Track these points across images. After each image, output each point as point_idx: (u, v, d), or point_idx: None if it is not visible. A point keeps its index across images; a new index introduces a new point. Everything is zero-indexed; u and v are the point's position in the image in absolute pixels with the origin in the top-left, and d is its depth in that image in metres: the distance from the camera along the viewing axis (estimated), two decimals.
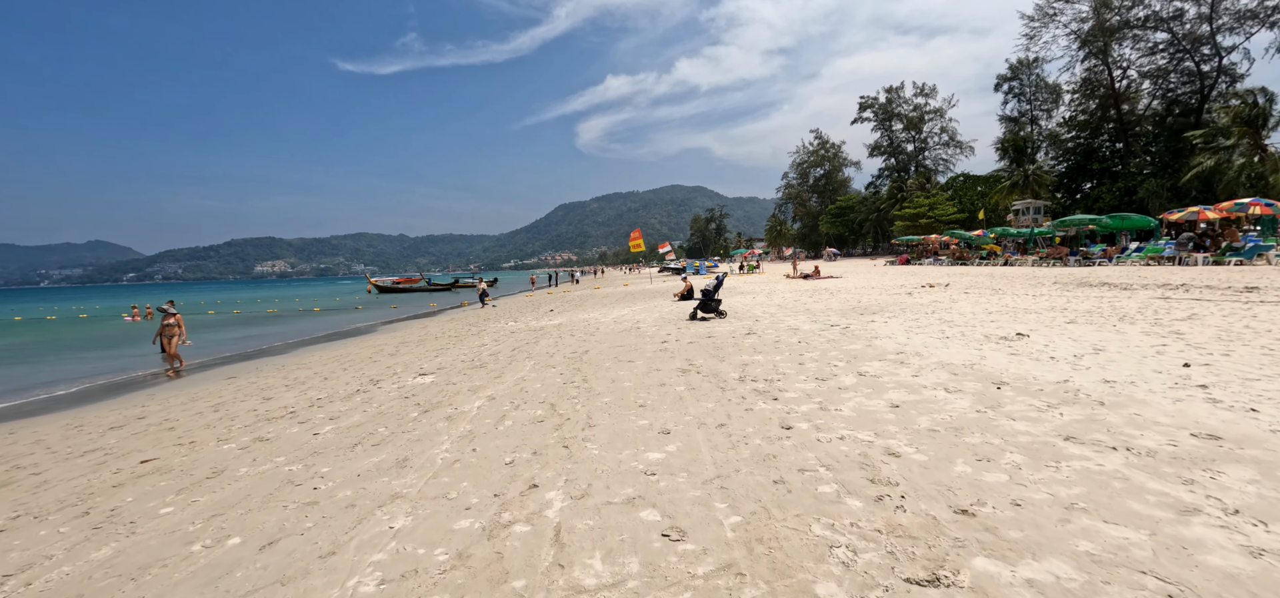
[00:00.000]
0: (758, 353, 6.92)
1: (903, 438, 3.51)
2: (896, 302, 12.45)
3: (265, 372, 10.07)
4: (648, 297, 20.76)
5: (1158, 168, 48.09)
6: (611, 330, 10.56)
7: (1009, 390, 4.43)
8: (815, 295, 15.80)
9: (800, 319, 10.13)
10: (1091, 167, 54.74)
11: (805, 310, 11.68)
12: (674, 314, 12.65)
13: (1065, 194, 56.87)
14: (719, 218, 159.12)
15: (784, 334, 8.36)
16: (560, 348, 8.82)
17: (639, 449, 3.70)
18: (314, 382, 8.16)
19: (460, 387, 6.50)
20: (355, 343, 14.00)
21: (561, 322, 13.54)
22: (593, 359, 7.45)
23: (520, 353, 8.76)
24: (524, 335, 11.29)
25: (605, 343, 8.91)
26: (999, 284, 15.91)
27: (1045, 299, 11.20)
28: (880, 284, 18.95)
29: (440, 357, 9.27)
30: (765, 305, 13.46)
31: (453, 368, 7.93)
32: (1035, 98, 64.81)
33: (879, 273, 27.75)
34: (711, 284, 11.29)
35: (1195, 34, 45.73)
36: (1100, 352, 5.75)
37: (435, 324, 17.30)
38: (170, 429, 6.09)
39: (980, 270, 24.08)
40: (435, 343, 11.75)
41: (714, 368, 6.18)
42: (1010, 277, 18.69)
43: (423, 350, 10.59)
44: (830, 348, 6.94)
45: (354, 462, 4.09)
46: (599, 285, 37.71)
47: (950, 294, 13.53)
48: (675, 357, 7.10)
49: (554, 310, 18.10)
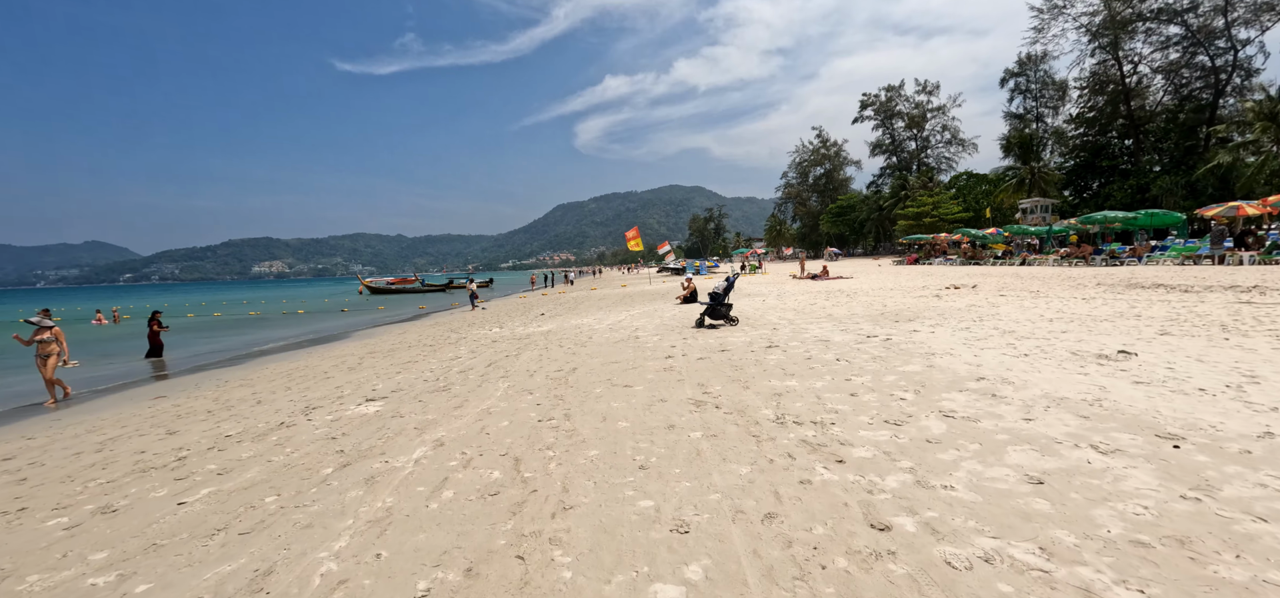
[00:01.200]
0: (790, 376, 5.45)
1: (1103, 567, 2.03)
2: (928, 305, 11.00)
3: (201, 390, 8.56)
4: (647, 299, 19.28)
5: (1171, 164, 46.79)
6: (606, 340, 9.09)
7: (1197, 452, 2.96)
8: (832, 298, 14.34)
9: (826, 327, 8.66)
10: (1100, 164, 53.35)
11: (828, 316, 10.22)
12: (677, 320, 11.19)
13: (1073, 192, 55.54)
14: (718, 218, 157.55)
15: (814, 348, 6.88)
16: (543, 364, 7.33)
17: (639, 572, 2.22)
18: (243, 407, 6.67)
19: (408, 422, 5.01)
20: (320, 352, 12.50)
21: (551, 328, 12.06)
22: (580, 381, 5.98)
23: (496, 369, 7.27)
24: (506, 345, 9.80)
25: (598, 357, 7.44)
26: (1032, 285, 14.45)
27: (1102, 303, 9.74)
28: (899, 285, 17.50)
29: (402, 373, 7.78)
30: (779, 310, 12.00)
31: (410, 390, 6.44)
32: (1041, 95, 63.41)
33: (891, 273, 26.30)
34: (720, 286, 9.81)
35: (1209, 27, 44.38)
36: (1256, 380, 4.29)
37: (415, 330, 15.82)
38: (21, 481, 4.60)
39: (1001, 270, 22.63)
40: (406, 354, 10.26)
41: (738, 400, 4.71)
42: (1040, 277, 17.25)
43: (387, 364, 9.10)
44: (881, 369, 5.47)
45: (192, 575, 2.60)
46: (596, 286, 36.21)
47: (985, 297, 12.08)
48: (684, 380, 5.63)
49: (546, 314, 16.61)
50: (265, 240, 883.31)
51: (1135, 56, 50.22)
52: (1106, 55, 51.04)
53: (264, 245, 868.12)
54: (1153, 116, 50.30)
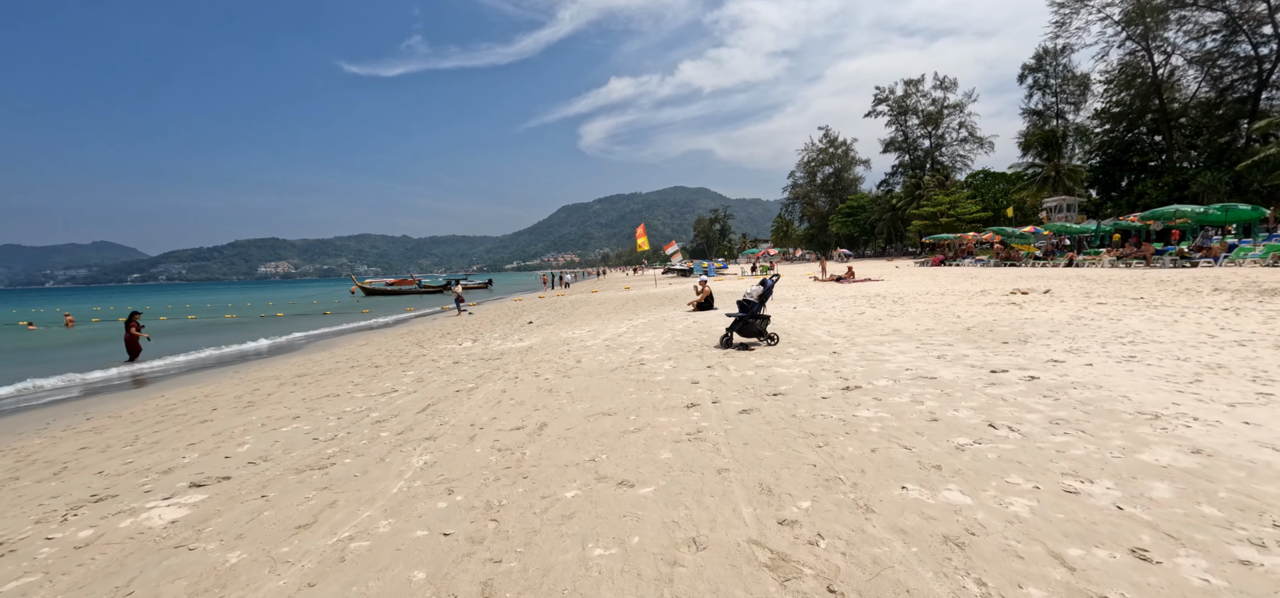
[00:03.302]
0: (929, 465, 2.96)
1: None
2: (1016, 317, 8.48)
3: (89, 419, 6.13)
4: (653, 305, 16.80)
5: (1210, 160, 43.96)
6: (599, 367, 6.62)
7: None
8: (877, 305, 11.82)
9: (907, 350, 6.16)
10: (1130, 160, 50.48)
11: (893, 332, 7.71)
12: (692, 335, 8.72)
13: (1099, 191, 52.75)
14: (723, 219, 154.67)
15: (920, 391, 4.38)
16: (500, 413, 4.86)
17: None
18: (76, 465, 4.25)
19: (198, 561, 2.56)
20: (243, 373, 10.05)
21: (534, 344, 9.59)
22: (546, 461, 3.51)
23: (429, 418, 4.82)
24: (466, 371, 7.34)
25: (583, 400, 4.98)
26: (1116, 289, 11.84)
27: (1256, 315, 7.21)
28: (945, 288, 14.95)
29: (299, 421, 5.33)
30: (820, 320, 9.50)
31: (273, 464, 3.98)
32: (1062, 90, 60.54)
33: (922, 275, 23.70)
34: (751, 291, 7.29)
35: (1253, 11, 41.50)
36: None
37: (378, 340, 13.39)
38: None
39: (1051, 272, 19.99)
40: (340, 378, 7.82)
41: (867, 561, 2.22)
42: (1110, 280, 14.64)
43: (299, 397, 6.65)
44: (1089, 447, 2.98)
45: None
46: (597, 289, 33.70)
47: (1083, 305, 9.52)
48: (728, 469, 3.15)
49: (534, 322, 14.16)
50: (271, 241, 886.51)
51: (1167, 47, 47.35)
52: (1136, 46, 48.24)
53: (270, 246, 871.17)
54: (1185, 110, 47.42)
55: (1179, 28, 46.08)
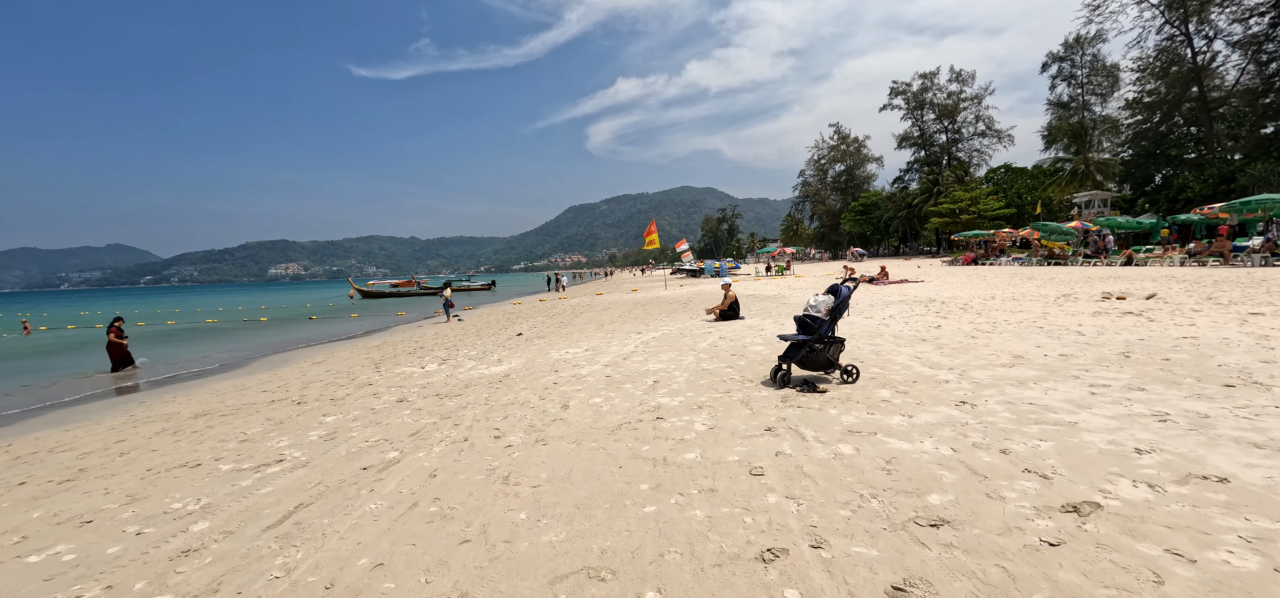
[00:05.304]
0: None
1: None
2: (1161, 335, 6.15)
3: None
4: (665, 311, 14.56)
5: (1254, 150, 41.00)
6: (593, 420, 4.43)
7: None
8: (946, 314, 9.51)
9: (1069, 395, 3.90)
10: (1167, 153, 47.50)
11: (1015, 358, 5.40)
12: (722, 360, 6.50)
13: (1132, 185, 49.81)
14: (731, 218, 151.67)
15: (1183, 489, 2.16)
16: (401, 545, 2.68)
17: None
18: None
19: None
20: (164, 400, 7.96)
21: (512, 369, 7.39)
22: None
23: (275, 549, 2.66)
24: (403, 420, 5.15)
25: (555, 520, 2.78)
26: (1246, 293, 9.38)
27: None
28: (1006, 292, 12.57)
29: (84, 532, 3.20)
30: (887, 338, 7.21)
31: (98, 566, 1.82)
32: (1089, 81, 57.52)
33: (964, 276, 21.26)
34: (821, 303, 5.00)
35: None
36: None
37: (341, 355, 11.26)
38: None
39: (1121, 271, 17.51)
40: (234, 423, 5.67)
41: None
42: (1224, 281, 12.18)
43: (154, 459, 4.51)
44: None
45: None
46: (602, 291, 31.48)
47: (1236, 319, 7.16)
48: None
49: (524, 333, 11.98)
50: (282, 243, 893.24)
51: (1209, 31, 44.37)
52: (1176, 31, 45.31)
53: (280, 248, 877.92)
54: (1226, 98, 44.40)
55: (1222, 9, 43.11)
